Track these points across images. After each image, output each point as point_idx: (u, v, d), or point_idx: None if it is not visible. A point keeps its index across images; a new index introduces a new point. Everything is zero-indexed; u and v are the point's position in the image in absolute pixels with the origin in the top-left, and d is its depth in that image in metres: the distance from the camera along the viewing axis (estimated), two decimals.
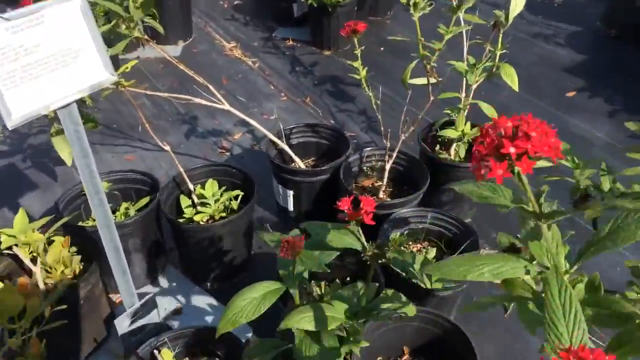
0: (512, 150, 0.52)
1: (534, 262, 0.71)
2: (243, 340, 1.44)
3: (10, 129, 0.91)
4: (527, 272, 0.69)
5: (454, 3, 1.47)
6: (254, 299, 0.94)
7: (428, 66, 1.49)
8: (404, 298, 1.04)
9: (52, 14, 0.94)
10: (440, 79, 1.83)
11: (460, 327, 1.18)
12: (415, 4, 1.31)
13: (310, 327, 0.92)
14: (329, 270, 0.97)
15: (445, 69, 1.70)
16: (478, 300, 1.10)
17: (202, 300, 1.57)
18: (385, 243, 0.92)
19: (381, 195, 1.64)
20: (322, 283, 1.43)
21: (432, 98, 1.56)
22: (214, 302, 1.56)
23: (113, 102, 2.43)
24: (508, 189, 0.70)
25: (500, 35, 1.47)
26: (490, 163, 0.53)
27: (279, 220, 1.82)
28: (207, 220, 1.58)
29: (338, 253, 1.00)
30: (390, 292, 1.04)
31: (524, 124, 0.53)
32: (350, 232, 0.97)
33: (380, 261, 0.93)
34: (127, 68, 1.38)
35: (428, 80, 1.57)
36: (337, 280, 1.42)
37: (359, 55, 1.52)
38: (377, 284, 1.11)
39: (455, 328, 1.19)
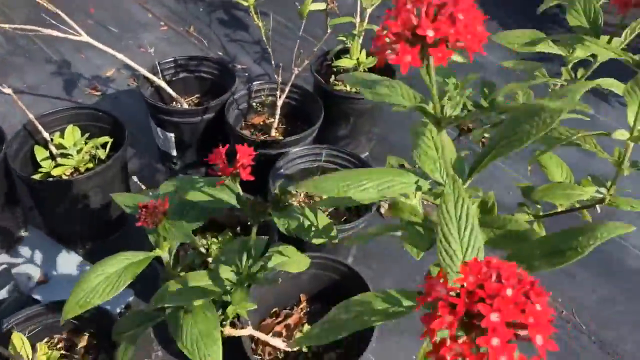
0: (430, 33, 0.40)
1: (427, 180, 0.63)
2: (123, 305, 1.29)
3: None
4: (419, 188, 0.60)
5: None
6: (110, 275, 0.78)
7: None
8: (294, 251, 0.93)
9: None
10: (335, 4, 1.67)
11: (355, 269, 1.10)
12: None
13: (184, 302, 0.78)
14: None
15: None
16: (362, 232, 1.01)
17: (74, 264, 1.37)
18: (267, 197, 0.78)
19: (273, 133, 1.49)
20: (209, 235, 1.29)
21: (329, 29, 1.40)
22: (87, 266, 1.37)
23: None
24: (408, 87, 0.59)
25: None
26: (398, 46, 0.42)
27: (162, 167, 1.62)
28: (72, 174, 1.36)
29: (201, 221, 0.85)
30: (279, 248, 0.92)
31: (451, 4, 0.41)
32: (226, 188, 0.82)
33: (262, 219, 0.79)
34: None
35: (326, 7, 1.40)
36: (229, 230, 1.28)
37: None
38: (266, 238, 0.98)
39: (352, 271, 1.11)
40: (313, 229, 0.86)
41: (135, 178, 1.07)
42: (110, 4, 2.34)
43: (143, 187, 1.05)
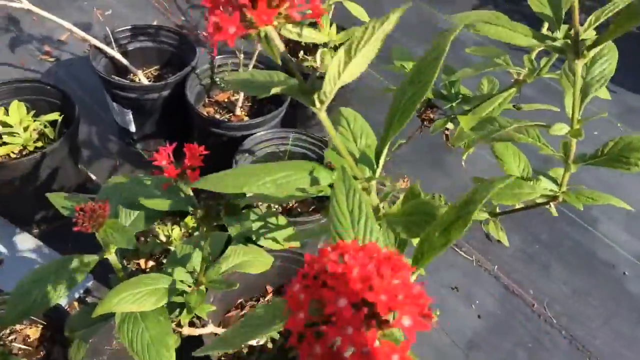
0: None
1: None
2: (82, 290, 1.23)
3: None
4: (315, 182, 0.55)
5: None
6: (45, 278, 0.72)
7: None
8: (256, 249, 0.87)
9: None
10: None
11: None
12: None
13: (135, 308, 0.73)
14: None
15: None
16: (305, 229, 0.96)
17: (29, 246, 1.28)
18: (219, 203, 0.72)
19: (238, 112, 1.41)
20: (170, 222, 1.22)
21: None
22: (43, 248, 1.29)
23: None
24: (282, 73, 0.55)
25: None
26: (219, 18, 0.35)
27: (120, 144, 1.53)
28: (20, 152, 1.26)
29: (159, 215, 0.79)
30: (235, 247, 0.86)
31: None
32: (177, 190, 0.75)
33: (214, 224, 0.73)
34: None
35: None
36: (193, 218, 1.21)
37: None
38: (226, 234, 0.92)
39: None
40: (270, 232, 0.81)
41: (83, 168, 0.98)
42: None
43: (93, 177, 0.97)
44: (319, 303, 0.30)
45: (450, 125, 0.97)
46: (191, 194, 0.75)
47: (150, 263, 1.14)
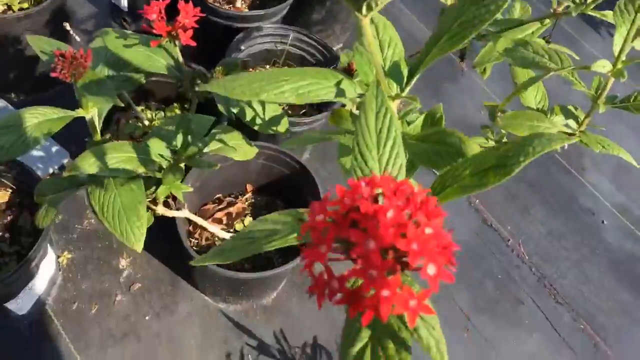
0: None
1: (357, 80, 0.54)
2: (57, 167, 1.20)
3: None
4: (341, 93, 0.51)
5: None
6: (23, 129, 0.68)
7: None
8: (239, 137, 0.84)
9: None
10: None
11: (307, 167, 1.03)
12: None
13: (105, 173, 0.70)
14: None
15: None
16: (302, 135, 0.93)
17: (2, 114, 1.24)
18: (212, 71, 0.68)
19: (239, 4, 1.33)
20: (154, 106, 1.18)
21: None
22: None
23: None
24: None
25: None
26: None
27: (110, 22, 1.45)
28: (4, 12, 1.18)
29: (141, 81, 0.74)
30: (223, 131, 0.83)
31: None
32: (165, 52, 0.70)
33: (199, 90, 0.69)
34: None
35: None
36: (176, 104, 1.17)
37: None
38: (212, 118, 0.88)
39: (303, 169, 1.04)
40: (261, 117, 0.77)
41: (67, 26, 0.92)
42: None
43: (77, 38, 0.91)
44: (344, 240, 0.28)
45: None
46: (181, 58, 0.70)
47: None
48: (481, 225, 1.28)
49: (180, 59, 0.70)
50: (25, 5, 1.18)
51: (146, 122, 1.12)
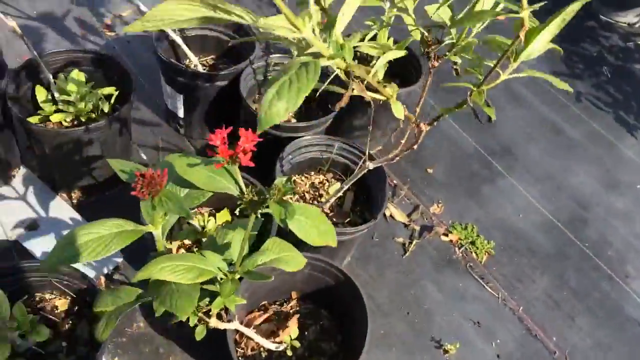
0: None
1: None
2: (112, 267, 1.25)
3: None
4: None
5: None
6: (103, 236, 0.74)
7: None
8: (291, 248, 0.88)
9: None
10: None
11: (350, 277, 1.06)
12: None
13: (173, 278, 0.74)
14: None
15: None
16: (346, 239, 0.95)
17: (64, 215, 1.31)
18: (268, 188, 0.73)
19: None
20: (206, 212, 1.24)
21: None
22: (77, 217, 1.31)
23: None
24: None
25: None
26: None
27: (166, 128, 1.55)
28: (72, 121, 1.29)
29: (209, 195, 0.80)
30: (274, 241, 0.87)
31: None
32: (225, 172, 0.76)
33: (260, 210, 0.74)
34: None
35: None
36: (228, 210, 1.23)
37: None
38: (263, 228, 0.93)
39: (346, 278, 1.07)
40: (312, 229, 0.81)
41: (137, 147, 1.00)
42: None
43: (144, 156, 0.98)
44: None
45: (457, 59, 0.95)
46: (240, 179, 0.76)
47: (182, 251, 1.16)
48: (526, 336, 1.27)
49: (240, 179, 0.76)
50: (93, 115, 1.28)
51: (198, 228, 1.18)
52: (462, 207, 1.52)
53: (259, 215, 0.78)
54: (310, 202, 1.26)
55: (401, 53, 1.43)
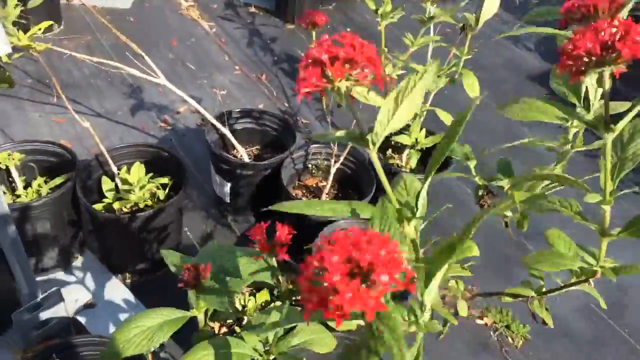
0: (324, 56, 0.47)
1: None
2: (157, 344, 1.33)
3: None
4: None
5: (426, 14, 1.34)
6: (148, 328, 0.83)
7: (388, 77, 1.38)
8: (322, 330, 0.94)
9: None
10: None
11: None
12: (383, 14, 1.19)
13: None
14: None
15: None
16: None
17: (119, 295, 1.43)
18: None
19: (324, 197, 1.53)
20: (247, 292, 1.32)
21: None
22: (131, 298, 1.42)
23: (47, 54, 2.19)
24: None
25: (468, 39, 1.35)
26: (305, 73, 0.47)
27: (214, 212, 1.68)
28: (131, 208, 1.43)
29: (249, 282, 0.89)
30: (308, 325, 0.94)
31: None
32: (264, 262, 0.85)
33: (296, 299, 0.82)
34: (39, 29, 1.20)
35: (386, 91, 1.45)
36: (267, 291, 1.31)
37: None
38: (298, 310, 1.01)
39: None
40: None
41: (188, 232, 1.12)
42: (192, 40, 2.49)
43: (194, 240, 1.09)
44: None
45: (508, 213, 1.01)
46: (277, 270, 0.85)
47: (224, 329, 1.23)
48: None
49: (278, 271, 0.85)
50: (149, 202, 1.43)
51: (239, 307, 1.26)
52: (490, 286, 1.55)
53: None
54: None
55: (432, 143, 1.53)
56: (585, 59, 0.50)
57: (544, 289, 0.92)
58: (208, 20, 2.62)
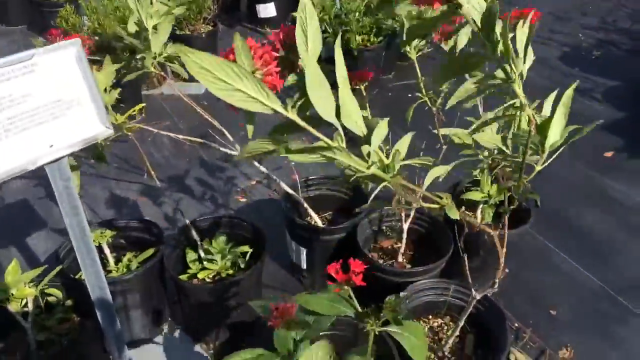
0: None
1: None
2: None
3: None
4: None
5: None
6: None
7: (434, 109, 1.41)
8: None
9: (45, 62, 0.87)
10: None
11: None
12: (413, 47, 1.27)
13: None
14: None
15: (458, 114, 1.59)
16: None
17: None
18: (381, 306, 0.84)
19: (400, 258, 1.52)
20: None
21: (444, 146, 1.46)
22: None
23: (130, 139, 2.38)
24: None
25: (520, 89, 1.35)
26: None
27: (291, 278, 1.71)
28: (214, 277, 1.48)
29: (331, 321, 0.90)
30: None
31: None
32: (342, 299, 0.87)
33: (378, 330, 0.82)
34: (134, 111, 1.32)
35: (438, 130, 1.46)
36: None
37: (367, 105, 1.46)
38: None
39: None
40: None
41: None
42: (261, 120, 2.62)
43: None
44: None
45: None
46: (357, 304, 0.86)
47: None
48: None
49: (357, 304, 0.86)
50: (231, 271, 1.47)
51: None
52: (594, 350, 1.44)
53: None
54: (430, 344, 1.28)
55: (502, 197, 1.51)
56: None
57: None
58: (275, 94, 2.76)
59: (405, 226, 1.51)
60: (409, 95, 2.75)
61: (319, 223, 1.63)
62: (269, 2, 3.44)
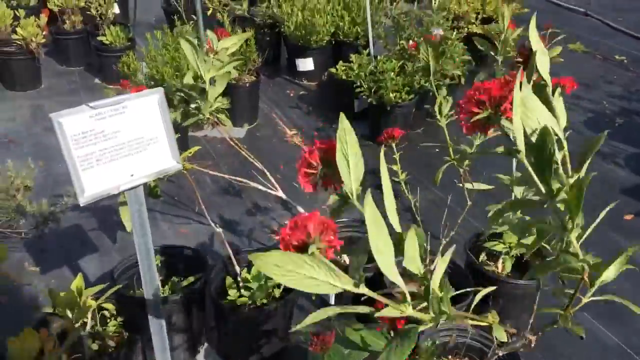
0: None
1: None
2: None
3: (82, 205, 1.00)
4: None
5: None
6: None
7: (461, 170, 1.55)
8: None
9: (133, 106, 1.05)
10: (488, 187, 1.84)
11: None
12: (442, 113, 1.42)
13: None
14: None
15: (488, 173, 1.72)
16: None
17: None
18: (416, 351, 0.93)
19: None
20: None
21: (469, 203, 1.59)
22: None
23: (177, 175, 2.57)
24: None
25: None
26: None
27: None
28: (249, 305, 1.61)
29: (367, 354, 1.01)
30: None
31: None
32: (381, 335, 0.98)
33: None
34: (190, 153, 1.50)
35: (463, 185, 1.59)
36: None
37: (397, 159, 1.61)
38: None
39: None
40: None
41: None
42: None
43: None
44: None
45: None
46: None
47: None
48: None
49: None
50: (265, 300, 1.60)
51: None
52: None
53: None
54: None
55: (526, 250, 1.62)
56: None
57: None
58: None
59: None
60: (437, 150, 2.91)
61: (347, 261, 1.76)
62: (307, 57, 3.70)
